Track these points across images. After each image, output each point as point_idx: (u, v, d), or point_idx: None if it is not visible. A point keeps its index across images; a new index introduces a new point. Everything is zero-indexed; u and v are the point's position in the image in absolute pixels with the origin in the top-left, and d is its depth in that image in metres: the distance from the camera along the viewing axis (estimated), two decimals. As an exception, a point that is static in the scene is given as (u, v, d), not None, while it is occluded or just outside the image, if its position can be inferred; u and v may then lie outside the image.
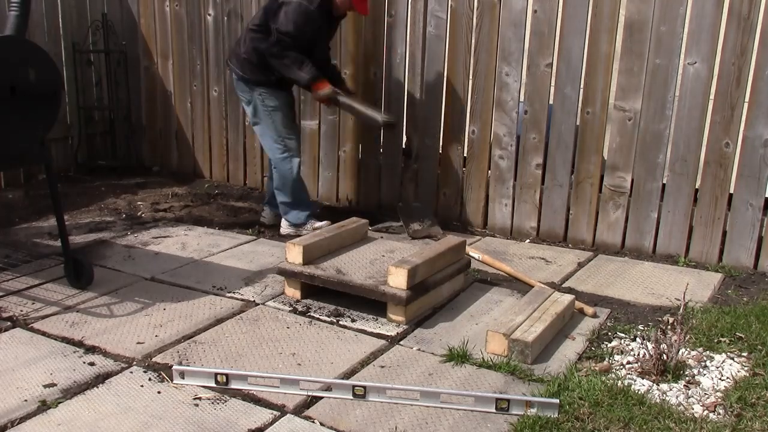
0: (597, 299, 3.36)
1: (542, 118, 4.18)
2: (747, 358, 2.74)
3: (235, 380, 2.46)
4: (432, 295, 3.17)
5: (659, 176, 3.94)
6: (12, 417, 2.25)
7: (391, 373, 2.60)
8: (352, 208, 4.84)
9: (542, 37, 4.07)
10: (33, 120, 3.00)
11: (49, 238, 4.02)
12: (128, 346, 2.76)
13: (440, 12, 4.29)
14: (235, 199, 5.02)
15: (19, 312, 3.03)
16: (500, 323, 2.82)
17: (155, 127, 5.71)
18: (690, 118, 3.81)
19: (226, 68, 4.76)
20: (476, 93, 4.31)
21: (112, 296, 3.24)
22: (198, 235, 4.20)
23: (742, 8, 3.58)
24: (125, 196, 4.99)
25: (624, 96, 3.94)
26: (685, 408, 2.38)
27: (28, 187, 5.05)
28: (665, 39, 3.78)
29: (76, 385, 2.45)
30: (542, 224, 4.29)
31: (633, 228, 4.05)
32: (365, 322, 3.03)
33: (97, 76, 5.62)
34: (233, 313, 3.10)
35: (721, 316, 3.07)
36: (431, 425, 2.27)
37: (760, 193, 3.73)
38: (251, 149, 5.25)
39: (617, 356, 2.76)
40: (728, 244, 3.84)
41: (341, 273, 3.15)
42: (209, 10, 5.18)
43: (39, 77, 2.97)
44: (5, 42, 2.91)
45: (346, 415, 2.31)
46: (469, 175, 4.45)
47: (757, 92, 3.63)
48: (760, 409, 2.34)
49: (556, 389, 2.43)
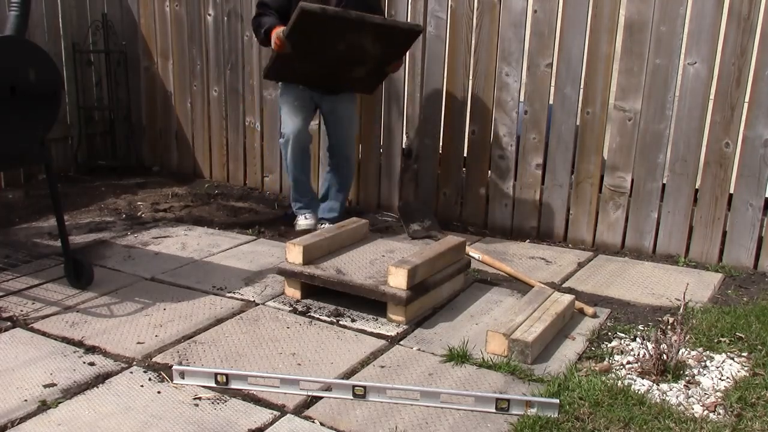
0: (597, 299, 3.36)
1: (542, 118, 4.18)
2: (747, 358, 2.74)
3: (235, 380, 2.46)
4: (432, 295, 3.18)
5: (659, 176, 3.95)
6: (12, 417, 2.25)
7: (391, 373, 2.60)
8: (352, 208, 4.83)
9: (542, 38, 4.07)
10: (33, 120, 3.00)
11: (49, 238, 4.02)
12: (128, 346, 2.76)
13: (440, 12, 4.29)
14: (235, 199, 5.02)
15: (19, 312, 3.03)
16: (500, 323, 2.82)
17: (155, 127, 5.71)
18: (690, 118, 3.81)
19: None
20: (476, 93, 4.31)
21: (112, 296, 3.24)
22: (198, 235, 4.20)
23: (742, 8, 3.58)
24: (125, 196, 4.99)
25: (624, 96, 3.94)
26: (685, 408, 2.38)
27: (28, 187, 5.05)
28: (665, 39, 3.78)
29: (76, 385, 2.45)
30: (542, 224, 4.29)
31: (633, 228, 4.06)
32: (365, 322, 3.03)
33: (97, 76, 5.62)
34: (233, 313, 3.10)
35: (721, 316, 3.07)
36: (431, 425, 2.27)
37: (760, 193, 3.73)
38: (251, 149, 5.25)
39: (617, 356, 2.76)
40: (728, 244, 3.84)
41: (341, 273, 3.15)
42: (209, 10, 5.18)
43: (39, 77, 2.96)
44: (5, 42, 2.91)
45: (346, 415, 2.31)
46: (469, 175, 4.46)
47: (757, 92, 3.64)
48: (760, 409, 2.34)
49: (556, 389, 2.44)
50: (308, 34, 3.57)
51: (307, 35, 3.58)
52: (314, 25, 3.52)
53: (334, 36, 3.60)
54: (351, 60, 3.74)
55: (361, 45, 3.64)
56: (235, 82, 5.19)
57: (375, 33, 3.61)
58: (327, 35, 3.58)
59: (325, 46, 3.64)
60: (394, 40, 3.68)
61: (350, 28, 3.55)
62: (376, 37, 3.62)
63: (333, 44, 3.64)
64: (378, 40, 3.63)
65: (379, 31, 3.60)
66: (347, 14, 3.53)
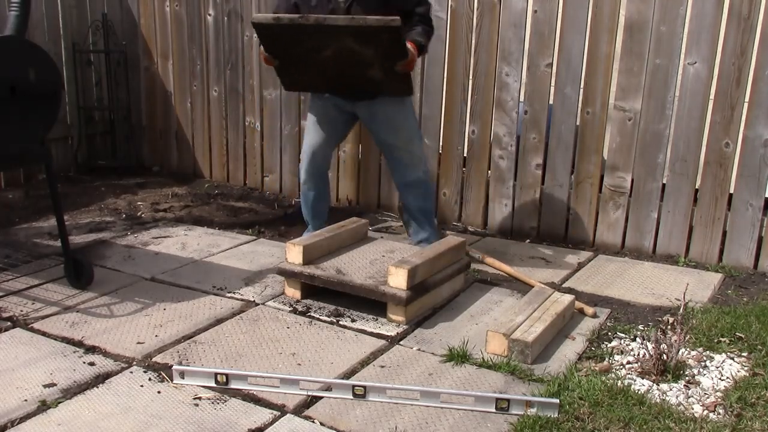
0: (597, 299, 3.36)
1: (542, 118, 4.18)
2: (747, 358, 2.74)
3: (235, 380, 2.46)
4: (432, 295, 3.18)
5: (659, 176, 3.95)
6: (12, 417, 2.25)
7: (391, 373, 2.60)
8: (352, 208, 4.84)
9: (542, 38, 4.07)
10: (33, 120, 3.00)
11: (49, 238, 4.02)
12: (128, 346, 2.76)
13: (440, 12, 4.29)
14: (235, 199, 5.02)
15: (19, 312, 3.03)
16: (500, 323, 2.82)
17: (155, 127, 5.71)
18: (690, 118, 3.81)
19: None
20: (476, 93, 4.31)
21: (112, 296, 3.24)
22: (198, 235, 4.20)
23: (742, 8, 3.58)
24: (125, 196, 4.99)
25: (624, 96, 3.94)
26: (685, 408, 2.38)
27: (28, 187, 5.05)
28: (665, 39, 3.78)
29: (76, 385, 2.45)
30: (542, 224, 4.29)
31: (633, 228, 4.06)
32: (365, 322, 3.03)
33: (97, 76, 5.63)
34: (233, 313, 3.10)
35: (721, 316, 3.07)
36: (431, 425, 2.27)
37: (760, 193, 3.73)
38: (251, 149, 5.25)
39: (617, 356, 2.76)
40: (728, 244, 3.84)
41: (341, 273, 3.15)
42: (209, 10, 5.18)
43: (39, 77, 2.97)
44: (5, 42, 2.91)
45: (346, 415, 2.31)
46: (469, 175, 4.46)
47: (757, 92, 3.63)
48: (760, 409, 2.34)
49: (556, 389, 2.44)
50: (282, 44, 3.34)
51: (283, 46, 3.35)
52: (279, 36, 3.28)
53: (310, 42, 3.32)
54: (351, 62, 3.40)
55: (348, 47, 3.31)
56: (235, 82, 5.19)
57: (347, 34, 3.27)
58: (302, 43, 3.32)
59: (308, 52, 3.37)
60: (375, 38, 3.27)
61: (314, 32, 3.25)
62: (354, 38, 3.27)
63: (316, 50, 3.35)
64: (359, 41, 3.28)
65: (348, 32, 3.26)
66: (304, 20, 3.22)
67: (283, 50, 3.39)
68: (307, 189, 3.87)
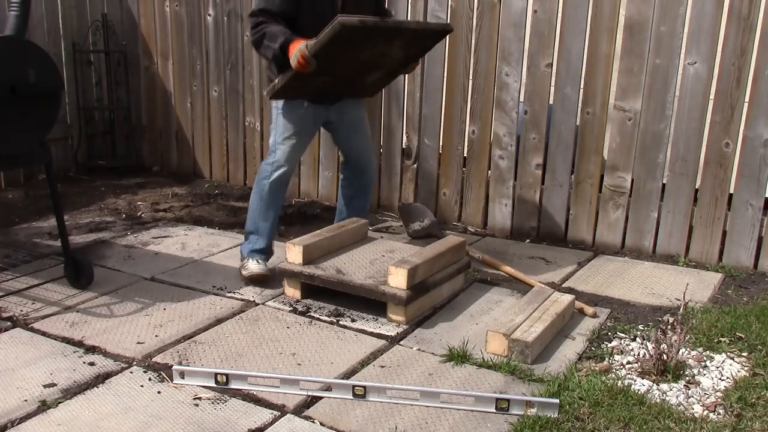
0: (597, 299, 3.36)
1: (542, 118, 4.18)
2: (747, 358, 2.74)
3: (235, 380, 2.46)
4: (432, 295, 3.18)
5: (659, 176, 3.95)
6: (12, 417, 2.25)
7: (391, 373, 2.60)
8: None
9: (542, 37, 4.07)
10: (33, 120, 3.00)
11: (49, 238, 4.02)
12: (128, 346, 2.76)
13: (440, 12, 4.29)
14: (235, 199, 5.02)
15: (19, 312, 3.03)
16: (500, 323, 2.82)
17: (155, 127, 5.71)
18: (690, 118, 3.81)
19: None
20: (476, 93, 4.31)
21: (112, 296, 3.24)
22: (198, 235, 4.20)
23: (742, 8, 3.58)
24: (125, 196, 4.99)
25: (624, 96, 3.94)
26: (685, 408, 2.38)
27: (28, 187, 5.05)
28: (665, 39, 3.78)
29: (76, 385, 2.45)
30: (542, 224, 4.29)
31: (633, 228, 4.06)
32: (365, 322, 3.03)
33: (97, 76, 5.63)
34: (233, 313, 3.10)
35: (721, 316, 3.07)
36: (431, 425, 2.27)
37: (760, 193, 3.73)
38: (251, 149, 5.25)
39: (617, 356, 2.76)
40: (728, 244, 3.84)
41: (341, 273, 3.15)
42: (209, 10, 5.18)
43: (39, 77, 2.96)
44: (5, 42, 2.91)
45: (346, 415, 2.31)
46: (469, 175, 4.46)
47: (757, 92, 3.63)
48: (760, 409, 2.34)
49: (556, 389, 2.44)
50: (341, 47, 3.02)
51: (339, 50, 3.03)
52: (349, 39, 3.00)
53: (364, 46, 3.15)
54: (370, 66, 3.34)
55: (387, 51, 3.25)
56: (235, 82, 5.19)
57: (407, 38, 3.23)
58: (358, 46, 3.12)
59: (350, 57, 3.18)
60: (422, 42, 3.33)
61: (386, 36, 3.15)
62: (406, 41, 3.24)
63: (360, 52, 3.18)
64: (406, 44, 3.26)
65: (412, 35, 3.24)
66: (385, 24, 3.11)
67: (336, 53, 3.09)
68: (279, 194, 3.55)
